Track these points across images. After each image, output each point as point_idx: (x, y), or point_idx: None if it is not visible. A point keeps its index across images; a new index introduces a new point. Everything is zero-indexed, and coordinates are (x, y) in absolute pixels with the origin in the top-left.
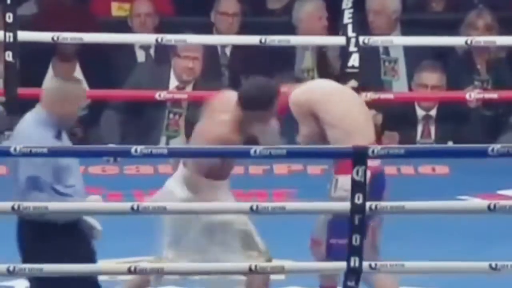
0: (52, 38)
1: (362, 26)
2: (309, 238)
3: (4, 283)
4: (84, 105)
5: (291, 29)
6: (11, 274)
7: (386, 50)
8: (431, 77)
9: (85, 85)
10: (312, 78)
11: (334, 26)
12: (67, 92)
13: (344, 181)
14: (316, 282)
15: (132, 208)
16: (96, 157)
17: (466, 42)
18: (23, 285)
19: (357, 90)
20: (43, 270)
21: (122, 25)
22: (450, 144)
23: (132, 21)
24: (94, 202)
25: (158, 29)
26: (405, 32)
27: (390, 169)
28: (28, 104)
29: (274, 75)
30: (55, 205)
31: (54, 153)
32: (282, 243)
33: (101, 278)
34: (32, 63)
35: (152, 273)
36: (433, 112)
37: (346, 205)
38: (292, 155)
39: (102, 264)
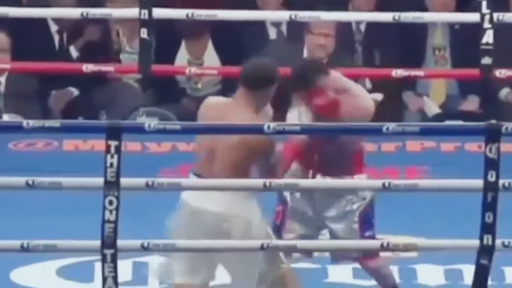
0: (187, 15)
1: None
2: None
3: (139, 259)
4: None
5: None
6: (145, 250)
7: None
8: None
9: (217, 61)
10: (443, 57)
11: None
12: None
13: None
14: (448, 260)
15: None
16: (226, 133)
17: None
18: (157, 261)
19: (491, 67)
20: (175, 245)
21: (254, 2)
22: None
23: None
24: None
25: (286, 6)
26: None
27: None
28: (162, 80)
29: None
30: (187, 181)
31: (187, 130)
32: (414, 220)
33: None
34: (166, 40)
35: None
36: None
37: (479, 183)
38: (425, 132)
39: None
